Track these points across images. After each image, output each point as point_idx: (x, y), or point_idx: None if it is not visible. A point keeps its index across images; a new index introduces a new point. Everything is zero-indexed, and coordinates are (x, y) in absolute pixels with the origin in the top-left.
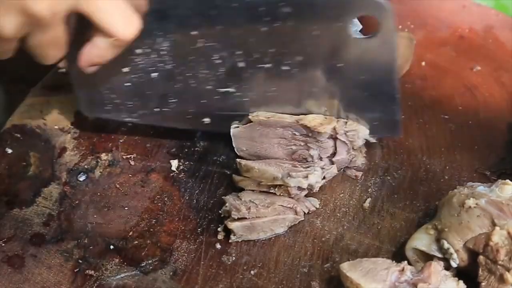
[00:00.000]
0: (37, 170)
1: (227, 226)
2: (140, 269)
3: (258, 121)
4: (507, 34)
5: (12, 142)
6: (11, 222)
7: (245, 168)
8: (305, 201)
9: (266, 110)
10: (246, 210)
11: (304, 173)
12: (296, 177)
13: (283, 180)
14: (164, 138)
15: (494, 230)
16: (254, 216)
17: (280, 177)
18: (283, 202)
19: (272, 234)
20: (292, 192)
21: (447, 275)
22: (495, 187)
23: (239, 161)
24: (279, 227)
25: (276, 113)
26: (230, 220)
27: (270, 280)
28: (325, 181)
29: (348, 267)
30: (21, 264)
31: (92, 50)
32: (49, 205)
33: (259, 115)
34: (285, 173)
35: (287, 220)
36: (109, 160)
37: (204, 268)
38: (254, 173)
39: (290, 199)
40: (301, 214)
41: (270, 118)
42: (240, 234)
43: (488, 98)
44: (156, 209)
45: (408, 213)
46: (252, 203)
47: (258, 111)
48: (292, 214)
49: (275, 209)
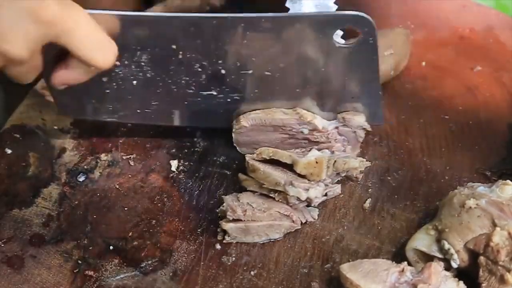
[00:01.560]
0: (37, 170)
1: (221, 226)
2: (139, 270)
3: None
4: (507, 34)
5: (11, 142)
6: (11, 222)
7: (252, 168)
8: (304, 210)
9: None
10: (242, 212)
11: (306, 185)
12: (297, 187)
13: (284, 187)
14: (164, 138)
15: (494, 231)
16: (250, 219)
17: (282, 183)
18: (281, 208)
19: (267, 239)
20: (290, 201)
21: (447, 275)
22: (496, 187)
23: (248, 159)
24: (274, 233)
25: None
26: (225, 220)
27: (270, 280)
28: (326, 198)
29: (348, 268)
30: (20, 265)
31: (67, 73)
32: (48, 206)
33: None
34: (288, 180)
35: (282, 226)
36: (108, 161)
37: (204, 268)
38: (258, 175)
39: (288, 206)
40: (298, 222)
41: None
42: (235, 235)
43: (488, 98)
44: (155, 209)
45: (408, 214)
46: (249, 205)
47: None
48: (288, 222)
49: (271, 214)
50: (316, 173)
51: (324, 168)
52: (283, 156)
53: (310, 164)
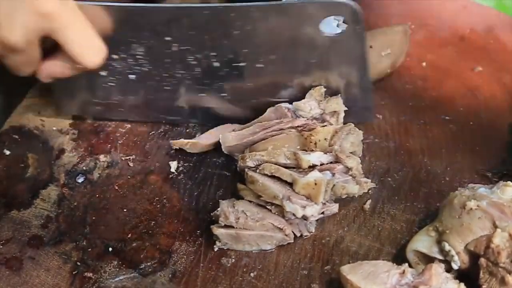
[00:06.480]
0: (35, 171)
1: (212, 230)
2: (139, 271)
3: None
4: (508, 34)
5: (10, 143)
6: (9, 224)
7: (250, 179)
8: (300, 223)
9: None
10: (235, 219)
11: (304, 202)
12: (294, 203)
13: (281, 202)
14: (163, 139)
15: (495, 232)
16: (241, 226)
17: (280, 197)
18: (275, 221)
19: (258, 248)
20: (286, 216)
21: (448, 277)
22: (497, 188)
23: (247, 171)
24: (265, 244)
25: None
26: (217, 225)
27: (270, 282)
28: (323, 216)
29: (348, 270)
30: (19, 266)
31: (55, 67)
32: (47, 207)
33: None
34: (286, 195)
35: (274, 238)
36: (107, 162)
37: (203, 270)
38: (257, 186)
39: (282, 219)
40: (291, 236)
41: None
42: (225, 242)
43: (489, 99)
44: (155, 210)
45: (408, 215)
46: (243, 213)
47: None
48: (281, 234)
49: (263, 225)
50: (313, 195)
51: (322, 191)
52: (284, 174)
53: (309, 184)
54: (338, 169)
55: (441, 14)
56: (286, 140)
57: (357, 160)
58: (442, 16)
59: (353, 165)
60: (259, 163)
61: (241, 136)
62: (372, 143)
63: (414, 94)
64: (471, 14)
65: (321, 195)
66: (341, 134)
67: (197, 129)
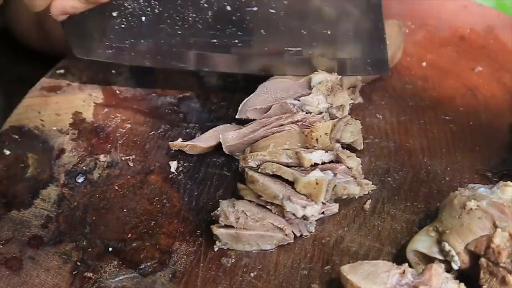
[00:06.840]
0: (35, 171)
1: (212, 230)
2: (139, 271)
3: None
4: (508, 34)
5: (10, 143)
6: (9, 224)
7: (250, 179)
8: (300, 224)
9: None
10: (235, 219)
11: (304, 202)
12: (295, 203)
13: (282, 202)
14: (164, 139)
15: (495, 232)
16: (241, 226)
17: (281, 197)
18: (275, 221)
19: (258, 248)
20: (286, 215)
21: (448, 277)
22: (497, 188)
23: (247, 171)
24: (265, 244)
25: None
26: (217, 225)
27: (270, 282)
28: (323, 216)
29: (348, 270)
30: (19, 267)
31: (66, 1)
32: (47, 207)
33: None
34: (286, 195)
35: (274, 238)
36: (107, 162)
37: (203, 270)
38: (257, 186)
39: (282, 219)
40: (291, 236)
41: None
42: (225, 241)
43: (489, 99)
44: (155, 210)
45: (408, 215)
46: (243, 213)
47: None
48: (281, 234)
49: (264, 225)
50: (314, 194)
51: (323, 190)
52: (286, 173)
53: (310, 184)
54: (340, 169)
55: (441, 14)
56: (287, 138)
57: (358, 160)
58: (442, 16)
59: (353, 166)
60: (261, 163)
61: (242, 134)
62: (372, 143)
63: (414, 94)
64: (471, 14)
65: (322, 194)
66: (340, 126)
67: (197, 129)
